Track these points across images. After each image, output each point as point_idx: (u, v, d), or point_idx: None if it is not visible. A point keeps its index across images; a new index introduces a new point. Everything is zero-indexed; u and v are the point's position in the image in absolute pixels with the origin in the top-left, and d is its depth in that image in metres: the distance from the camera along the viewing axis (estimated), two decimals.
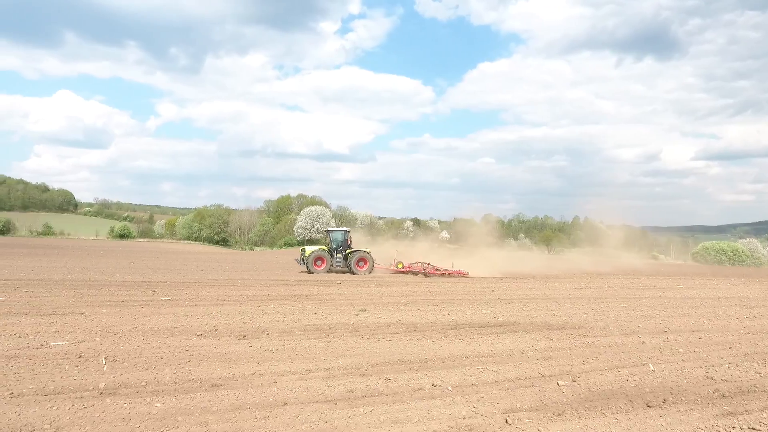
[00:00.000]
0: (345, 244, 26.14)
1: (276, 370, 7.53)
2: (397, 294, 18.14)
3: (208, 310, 13.34)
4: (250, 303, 14.82)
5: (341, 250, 25.93)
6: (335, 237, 26.46)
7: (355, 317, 12.39)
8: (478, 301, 16.36)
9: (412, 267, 26.05)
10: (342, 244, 26.11)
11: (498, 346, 9.48)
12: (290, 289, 18.85)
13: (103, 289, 17.08)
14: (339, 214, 77.37)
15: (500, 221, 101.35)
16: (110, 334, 9.82)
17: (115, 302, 14.37)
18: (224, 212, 72.00)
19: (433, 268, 26.01)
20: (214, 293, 16.98)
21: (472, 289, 20.49)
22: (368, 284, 21.46)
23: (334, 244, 26.09)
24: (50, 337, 9.47)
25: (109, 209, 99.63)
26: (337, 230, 27.46)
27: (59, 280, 19.08)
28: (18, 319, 11.46)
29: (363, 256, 25.66)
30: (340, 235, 26.57)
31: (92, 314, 12.29)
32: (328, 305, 14.57)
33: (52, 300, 14.38)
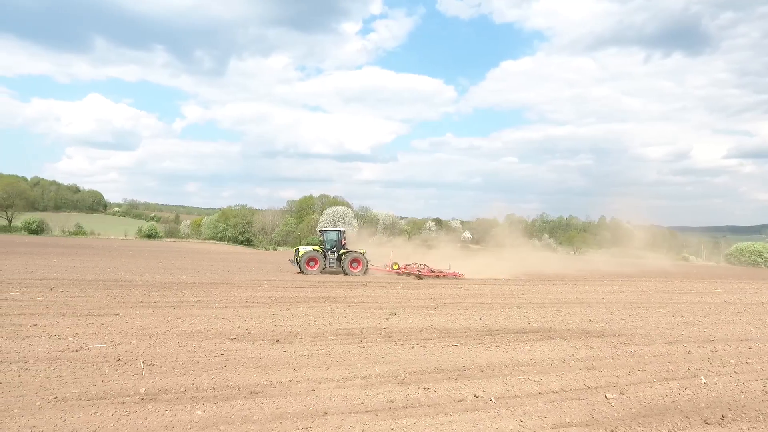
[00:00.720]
0: (339, 245, 25.56)
1: (313, 377, 7.43)
2: (425, 297, 17.92)
3: (239, 312, 13.38)
4: (279, 305, 14.83)
5: (335, 250, 25.38)
6: (329, 237, 25.89)
7: (385, 321, 12.23)
8: (509, 305, 16.01)
9: (408, 268, 25.44)
10: (336, 245, 25.53)
11: (537, 354, 9.19)
12: (317, 291, 18.84)
13: (134, 290, 17.37)
14: (361, 214, 77.48)
15: (524, 221, 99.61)
16: (146, 337, 9.91)
17: (148, 303, 14.56)
18: (248, 212, 72.89)
19: (428, 269, 25.35)
20: (242, 294, 17.08)
21: (500, 293, 20.11)
22: (394, 286, 21.30)
23: (328, 245, 25.56)
24: (88, 339, 9.60)
25: (136, 209, 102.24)
26: (331, 230, 26.84)
27: (92, 280, 19.50)
28: (56, 319, 11.70)
29: (356, 257, 25.13)
30: (334, 235, 25.98)
31: (126, 315, 12.46)
32: (356, 308, 14.46)
33: (86, 300, 14.67)
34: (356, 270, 24.96)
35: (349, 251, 25.41)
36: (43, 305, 13.58)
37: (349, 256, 25.10)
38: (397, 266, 25.45)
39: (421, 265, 25.78)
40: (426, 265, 25.93)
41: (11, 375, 7.20)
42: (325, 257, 25.13)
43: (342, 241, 25.83)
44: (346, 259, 25.00)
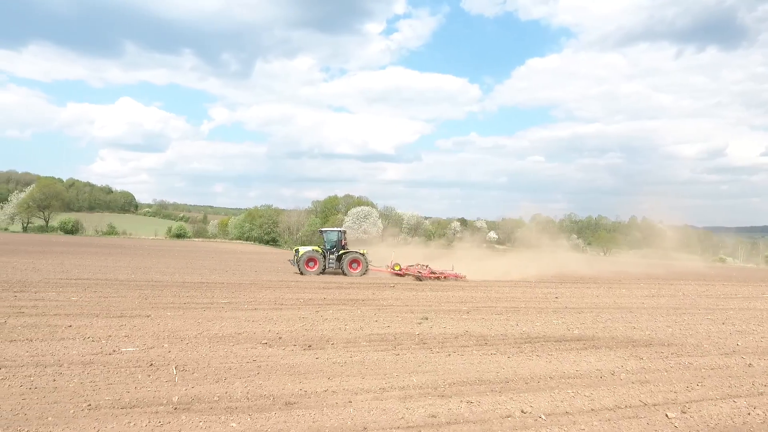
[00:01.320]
0: (339, 245, 25.06)
1: (349, 387, 7.11)
2: (456, 300, 17.44)
3: (268, 314, 13.22)
4: (308, 308, 14.62)
5: (335, 251, 24.85)
6: (329, 237, 25.38)
7: (418, 326, 11.85)
8: (545, 310, 15.40)
9: (410, 269, 24.71)
10: (336, 245, 25.01)
11: (582, 365, 8.65)
12: (345, 293, 18.59)
13: (165, 290, 17.48)
14: (385, 214, 77.20)
15: (551, 221, 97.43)
16: (177, 340, 9.80)
17: (178, 304, 14.56)
18: (274, 212, 73.54)
19: (428, 270, 24.52)
20: (271, 296, 16.97)
21: (533, 296, 19.46)
22: (423, 288, 20.89)
23: (328, 245, 25.04)
24: (121, 342, 9.54)
25: (166, 210, 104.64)
26: (331, 230, 26.37)
27: (124, 280, 19.76)
28: (90, 320, 11.75)
29: (356, 258, 24.52)
30: (334, 235, 25.47)
31: (158, 317, 12.45)
32: (387, 312, 14.12)
33: (119, 301, 14.79)
34: (356, 271, 24.19)
35: (349, 252, 24.80)
36: (77, 305, 13.73)
37: (349, 257, 24.48)
38: (399, 267, 24.88)
39: (423, 266, 25.06)
40: (428, 266, 25.18)
41: (46, 379, 7.13)
42: (324, 258, 24.56)
43: (342, 242, 25.25)
44: (345, 259, 24.39)
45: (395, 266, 24.85)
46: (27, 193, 62.21)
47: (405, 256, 28.65)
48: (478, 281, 24.93)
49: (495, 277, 27.57)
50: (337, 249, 24.86)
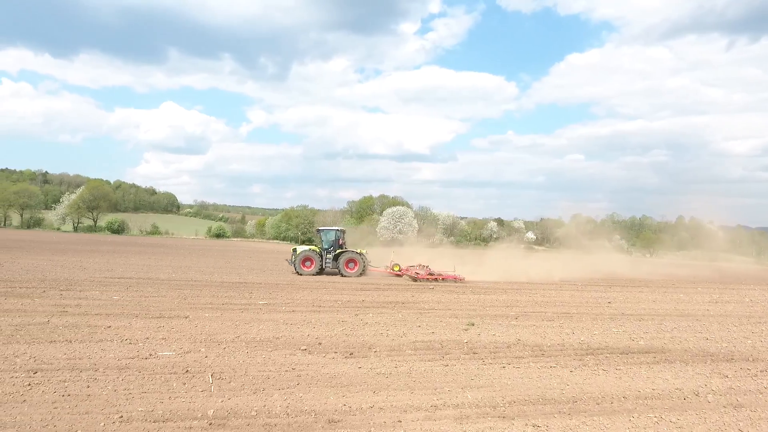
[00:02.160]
0: (336, 245, 24.12)
1: (396, 403, 6.41)
2: (501, 304, 16.47)
3: (307, 317, 12.73)
4: (347, 310, 14.05)
5: (332, 250, 23.97)
6: (327, 237, 24.41)
7: (465, 333, 11.03)
8: (600, 316, 14.24)
9: (410, 270, 23.60)
10: (333, 245, 24.09)
11: (659, 383, 7.62)
12: (383, 295, 17.96)
13: (204, 290, 17.36)
14: (421, 214, 76.27)
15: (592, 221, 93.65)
16: (214, 344, 9.40)
17: (216, 305, 14.32)
18: (309, 213, 73.99)
19: (426, 271, 23.30)
20: (308, 297, 16.54)
21: (583, 300, 18.22)
22: (463, 291, 19.99)
23: (325, 245, 24.16)
24: (158, 345, 9.23)
25: (206, 210, 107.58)
26: (329, 229, 25.10)
27: (165, 280, 19.84)
28: (129, 321, 11.59)
29: (352, 257, 23.62)
30: (332, 234, 24.44)
31: (195, 318, 12.18)
32: (429, 316, 13.36)
33: (159, 301, 14.69)
34: (352, 271, 23.36)
35: (345, 251, 23.92)
36: (118, 305, 13.69)
37: (345, 257, 23.62)
38: (398, 268, 23.90)
39: (423, 267, 23.84)
40: (428, 267, 23.99)
41: (80, 386, 6.80)
42: (321, 257, 23.72)
43: (339, 241, 24.29)
44: (341, 259, 23.56)
45: (394, 267, 23.96)
46: (77, 195, 65.09)
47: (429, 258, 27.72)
48: (521, 284, 23.77)
49: (537, 279, 26.31)
50: (334, 248, 23.99)
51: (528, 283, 24.73)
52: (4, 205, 62.15)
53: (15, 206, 63.14)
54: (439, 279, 22.88)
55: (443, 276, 23.05)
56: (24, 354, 8.38)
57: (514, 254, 55.88)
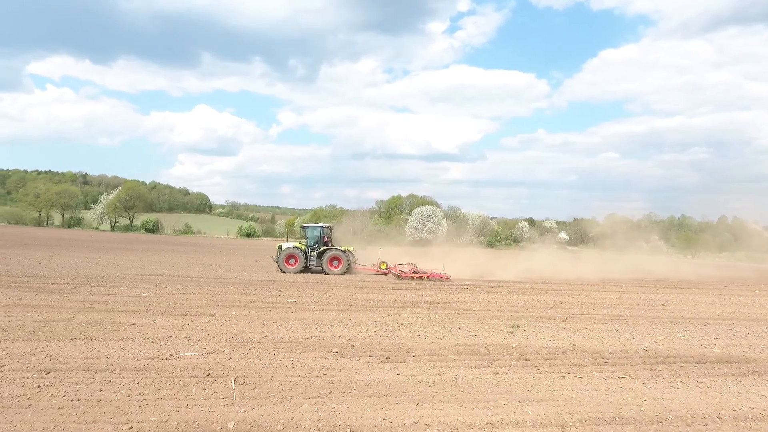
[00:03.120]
0: (321, 242, 22.98)
1: (444, 418, 5.47)
2: (544, 305, 15.26)
3: (337, 317, 11.92)
4: (380, 310, 13.17)
5: (317, 247, 22.81)
6: (311, 233, 23.25)
7: (511, 336, 9.97)
8: (658, 320, 12.87)
9: (396, 268, 22.30)
10: (318, 242, 22.94)
11: (756, 400, 6.39)
12: (416, 294, 17.01)
13: (232, 288, 16.84)
14: (450, 214, 74.80)
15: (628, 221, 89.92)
16: (240, 344, 8.68)
17: (244, 303, 13.71)
18: (338, 212, 73.68)
19: (411, 269, 21.98)
20: (339, 296, 15.76)
21: (633, 302, 16.77)
22: (501, 290, 18.83)
23: (310, 242, 23.00)
24: (181, 344, 8.57)
25: (237, 210, 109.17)
26: (314, 226, 23.86)
27: (195, 277, 19.48)
28: (154, 319, 11.06)
29: (336, 255, 22.44)
30: (317, 231, 23.30)
31: (222, 316, 11.56)
32: (469, 317, 12.33)
33: (186, 298, 14.20)
34: (336, 269, 22.26)
35: (330, 248, 22.77)
36: (145, 302, 13.26)
37: (328, 254, 22.45)
38: (385, 266, 22.64)
39: (412, 265, 22.51)
40: (416, 265, 22.64)
41: (92, 389, 6.14)
42: (306, 255, 22.65)
43: (325, 238, 23.17)
44: (324, 256, 22.43)
45: (381, 265, 22.77)
46: (114, 195, 66.84)
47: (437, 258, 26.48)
48: (560, 284, 22.36)
49: (576, 279, 24.81)
50: (319, 246, 22.88)
51: (568, 283, 23.31)
52: (47, 205, 64.40)
53: (56, 206, 65.36)
54: (424, 277, 21.61)
55: (428, 274, 21.75)
56: (41, 352, 7.86)
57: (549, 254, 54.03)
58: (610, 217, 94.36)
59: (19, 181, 78.71)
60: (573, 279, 25.83)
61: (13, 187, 78.26)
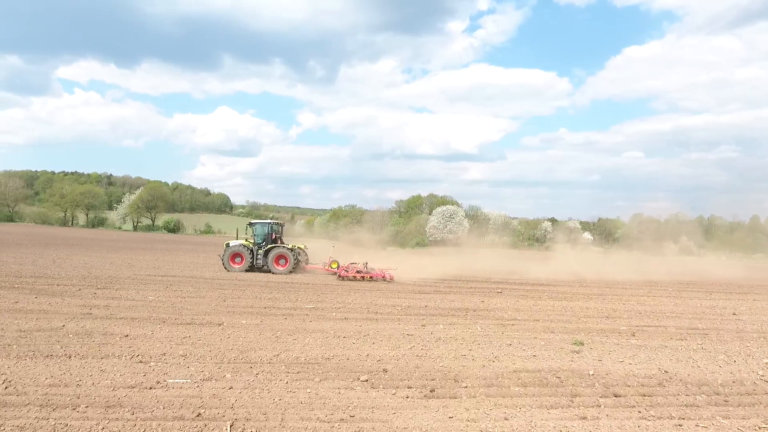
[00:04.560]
0: (269, 239, 21.25)
1: None
2: (595, 313, 13.17)
3: (362, 327, 10.10)
4: (410, 319, 11.30)
5: (264, 245, 21.05)
6: (259, 230, 21.49)
7: (578, 357, 7.97)
8: (744, 334, 10.65)
9: (349, 267, 20.43)
10: (266, 239, 21.19)
11: None
12: (446, 299, 15.09)
13: (246, 291, 15.23)
14: (471, 213, 72.42)
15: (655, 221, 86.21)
16: (245, 366, 6.92)
17: (257, 309, 12.02)
18: (357, 212, 72.08)
19: (353, 269, 20.08)
20: (361, 301, 13.95)
21: (699, 310, 14.51)
22: (536, 294, 16.78)
23: (258, 239, 21.27)
24: (174, 365, 6.86)
25: (257, 210, 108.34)
26: (262, 222, 22.26)
27: (209, 278, 17.99)
28: (153, 328, 9.44)
29: (282, 253, 20.63)
30: (264, 228, 21.60)
31: (230, 326, 9.87)
32: (516, 330, 10.35)
33: (195, 303, 12.61)
34: (282, 268, 20.44)
35: (276, 246, 20.94)
36: (149, 307, 11.70)
37: (274, 252, 20.65)
38: (336, 265, 20.66)
39: (363, 264, 20.62)
40: (367, 264, 20.67)
41: None
42: (252, 253, 20.85)
43: (273, 235, 21.43)
44: (270, 255, 20.63)
45: (332, 263, 20.74)
46: (136, 195, 66.50)
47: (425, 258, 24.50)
48: (601, 287, 20.11)
49: (611, 281, 22.51)
50: (267, 243, 21.11)
51: (608, 286, 21.10)
52: (72, 205, 64.43)
53: (81, 206, 65.37)
54: (366, 277, 19.56)
55: (371, 274, 19.71)
56: (0, 375, 6.24)
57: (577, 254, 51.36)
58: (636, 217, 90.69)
59: (46, 182, 79.37)
60: (609, 281, 23.65)
61: (41, 187, 78.99)
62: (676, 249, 72.31)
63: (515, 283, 21.49)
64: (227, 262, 20.73)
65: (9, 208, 65.35)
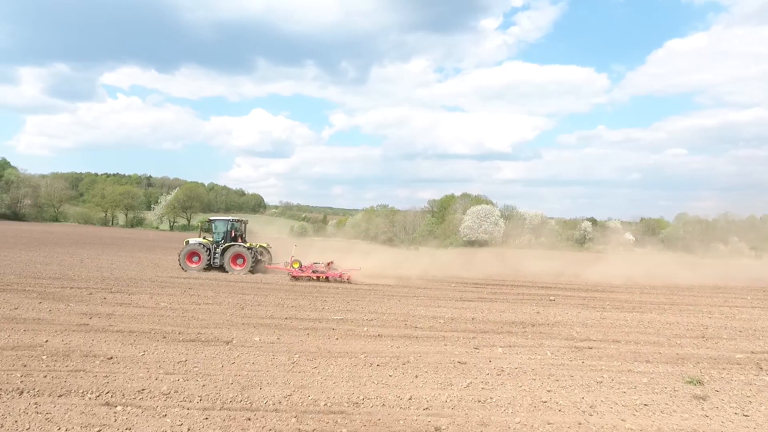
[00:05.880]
0: (229, 237, 19.51)
1: None
2: (682, 330, 10.57)
3: (400, 349, 8.00)
4: (458, 338, 9.09)
5: (223, 243, 19.37)
6: (218, 228, 19.83)
7: (711, 409, 5.56)
8: None
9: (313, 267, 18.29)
10: (225, 237, 19.50)
11: None
12: (494, 309, 12.82)
13: (270, 296, 13.47)
14: (506, 213, 69.11)
15: (703, 221, 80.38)
16: (241, 417, 4.92)
17: (277, 320, 10.14)
18: (390, 212, 70.12)
19: (308, 269, 17.92)
20: (397, 310, 11.86)
21: None
22: (598, 303, 14.24)
23: (217, 237, 19.66)
24: (146, 412, 4.95)
25: (290, 210, 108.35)
26: (221, 219, 20.61)
27: (233, 281, 16.43)
28: (147, 347, 7.68)
29: (239, 252, 18.92)
30: (223, 225, 19.93)
31: (240, 344, 8.00)
32: (598, 357, 7.97)
33: (209, 311, 10.89)
34: (240, 268, 18.79)
35: (233, 245, 19.21)
36: (156, 317, 10.06)
37: (231, 251, 18.97)
38: (298, 264, 18.39)
39: (327, 265, 18.63)
40: (332, 264, 18.95)
41: None
42: (210, 252, 19.21)
43: (233, 233, 19.68)
44: (227, 253, 18.98)
45: (294, 263, 18.43)
46: (173, 196, 67.00)
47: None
48: (668, 294, 17.19)
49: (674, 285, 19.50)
50: (225, 241, 19.46)
51: (672, 292, 18.33)
52: (111, 205, 65.54)
53: (120, 206, 66.41)
54: (322, 278, 17.57)
55: (327, 274, 17.68)
56: None
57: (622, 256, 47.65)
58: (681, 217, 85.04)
59: (89, 184, 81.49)
60: (671, 286, 20.73)
61: (84, 189, 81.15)
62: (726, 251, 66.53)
63: (566, 288, 18.91)
64: (183, 261, 19.22)
65: (54, 209, 66.98)
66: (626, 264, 33.43)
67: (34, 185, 64.47)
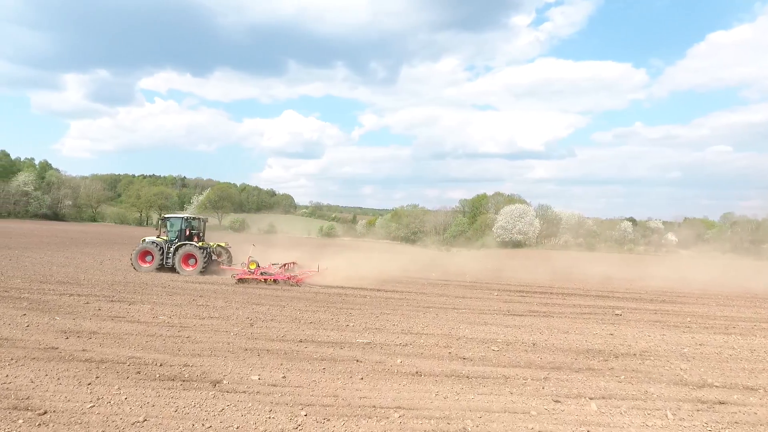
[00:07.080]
0: (183, 236, 18.01)
1: None
2: None
3: (448, 400, 5.60)
4: (523, 376, 6.59)
5: (176, 242, 17.89)
6: (173, 226, 18.30)
7: None
8: None
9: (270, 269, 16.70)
10: (179, 236, 17.98)
11: None
12: (552, 326, 10.25)
13: (287, 307, 11.41)
14: (541, 213, 65.28)
15: (752, 221, 74.35)
16: None
17: (289, 343, 7.97)
18: (420, 212, 67.54)
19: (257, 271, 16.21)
20: (437, 329, 9.46)
21: None
22: (672, 321, 11.40)
23: (171, 236, 18.22)
24: None
25: (320, 210, 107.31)
26: (176, 217, 18.96)
27: (252, 287, 14.46)
28: (107, 391, 5.70)
29: (190, 252, 17.41)
30: (178, 223, 18.37)
31: (231, 389, 5.83)
32: (743, 424, 5.31)
33: (212, 327, 8.86)
34: (191, 269, 17.30)
35: (185, 244, 17.66)
36: (142, 338, 8.12)
37: (182, 251, 17.47)
38: (255, 266, 16.32)
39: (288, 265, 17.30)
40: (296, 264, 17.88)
41: None
42: (162, 251, 17.74)
43: (188, 231, 18.16)
44: (178, 253, 17.49)
45: (251, 264, 16.31)
46: (204, 196, 66.80)
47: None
48: (749, 304, 14.04)
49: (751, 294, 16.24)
50: (179, 240, 17.95)
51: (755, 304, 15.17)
52: (146, 205, 65.88)
53: (154, 207, 66.70)
54: (269, 280, 16.03)
55: (275, 277, 16.15)
56: None
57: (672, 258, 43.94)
58: (727, 217, 79.13)
59: (127, 185, 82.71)
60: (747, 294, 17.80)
61: (122, 190, 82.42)
62: None
63: (627, 298, 16.07)
64: (135, 260, 17.75)
65: (92, 209, 67.85)
66: (679, 268, 29.93)
67: (74, 186, 65.45)
